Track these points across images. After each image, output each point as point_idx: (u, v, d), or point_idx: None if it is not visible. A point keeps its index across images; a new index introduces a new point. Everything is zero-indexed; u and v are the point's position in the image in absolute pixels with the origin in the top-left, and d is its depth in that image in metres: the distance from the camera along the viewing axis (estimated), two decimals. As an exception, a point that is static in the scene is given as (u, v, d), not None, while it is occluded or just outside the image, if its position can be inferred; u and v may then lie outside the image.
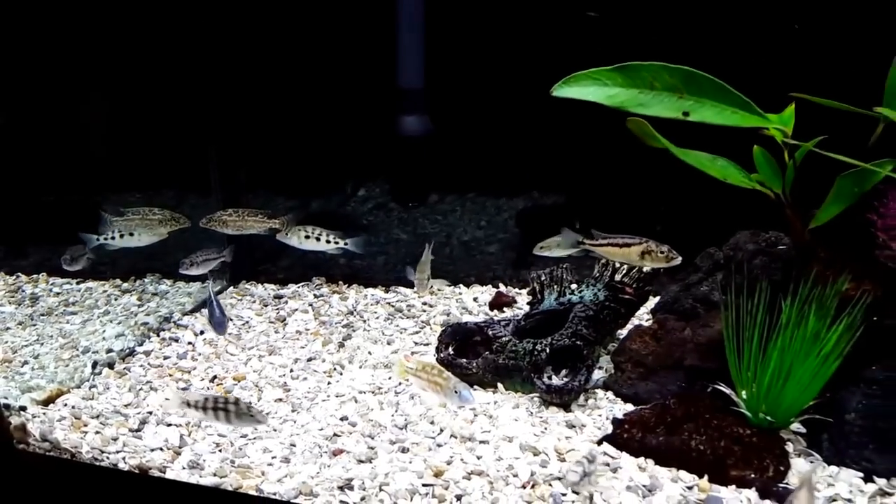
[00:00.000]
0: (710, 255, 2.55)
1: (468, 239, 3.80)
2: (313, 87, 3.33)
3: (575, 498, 1.85)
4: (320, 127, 3.50)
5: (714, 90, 1.78)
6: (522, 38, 3.08)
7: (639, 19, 2.79)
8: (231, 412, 1.86)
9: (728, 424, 1.96)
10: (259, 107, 3.44)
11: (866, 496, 1.83)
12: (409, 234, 3.89)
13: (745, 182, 2.07)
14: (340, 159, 3.62)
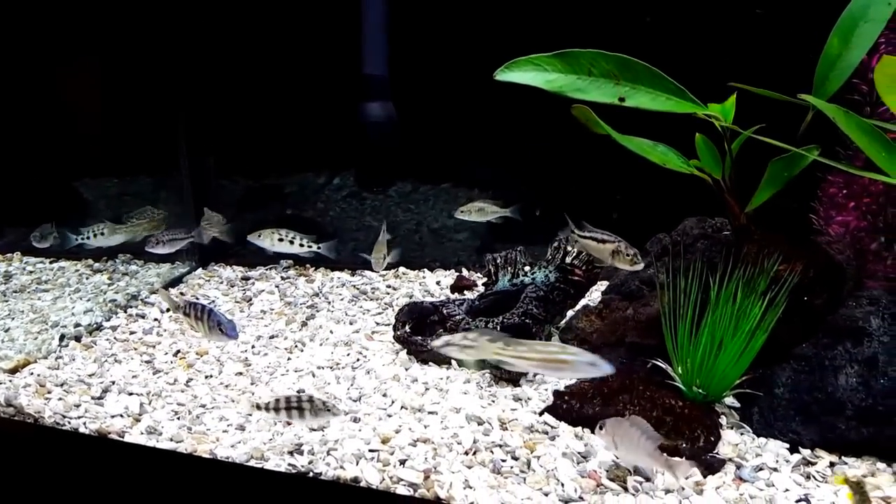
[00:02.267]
0: (660, 241, 2.65)
1: (438, 227, 3.88)
2: (281, 74, 3.39)
3: (514, 463, 1.95)
4: (289, 113, 3.58)
5: (649, 77, 1.86)
6: (492, 27, 3.18)
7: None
8: (306, 409, 1.87)
9: (662, 396, 2.06)
10: (227, 93, 3.50)
11: (790, 465, 1.93)
12: (379, 221, 3.98)
13: (683, 167, 2.17)
14: (311, 146, 3.72)
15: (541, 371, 1.96)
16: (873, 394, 1.88)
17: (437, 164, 3.63)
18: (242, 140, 3.68)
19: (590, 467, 1.90)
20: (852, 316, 2.02)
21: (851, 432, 1.91)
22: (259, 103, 3.54)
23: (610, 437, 1.81)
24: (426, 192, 3.85)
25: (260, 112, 3.56)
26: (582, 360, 1.78)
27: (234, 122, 3.61)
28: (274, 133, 3.63)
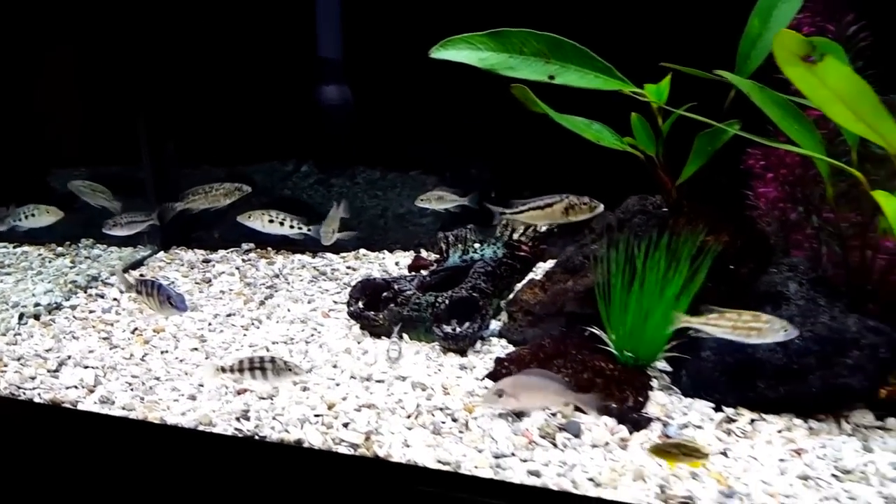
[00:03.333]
0: (604, 218, 2.77)
1: (403, 212, 3.98)
2: (241, 61, 3.46)
3: (453, 425, 2.05)
4: (251, 101, 3.64)
5: (578, 56, 1.96)
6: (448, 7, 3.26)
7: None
8: (268, 370, 1.97)
9: (594, 360, 2.16)
10: (189, 80, 3.56)
11: (714, 423, 2.04)
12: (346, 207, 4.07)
13: (617, 144, 2.27)
14: (275, 132, 3.78)
15: (733, 337, 1.98)
16: (789, 354, 2.00)
17: (402, 152, 3.73)
18: (205, 127, 3.75)
19: (523, 427, 2.01)
20: (773, 282, 2.15)
21: (770, 391, 2.03)
22: (220, 90, 3.60)
23: (512, 398, 1.90)
24: (394, 178, 3.94)
25: (222, 99, 3.63)
26: (774, 326, 1.87)
27: (195, 109, 3.67)
28: (237, 120, 3.70)
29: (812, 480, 1.79)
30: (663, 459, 1.82)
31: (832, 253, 2.20)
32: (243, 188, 2.91)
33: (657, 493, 1.74)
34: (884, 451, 1.92)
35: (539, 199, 2.40)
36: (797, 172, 2.14)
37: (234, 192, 2.90)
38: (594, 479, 1.80)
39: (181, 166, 3.71)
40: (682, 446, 1.80)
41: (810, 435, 2.01)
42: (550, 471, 1.84)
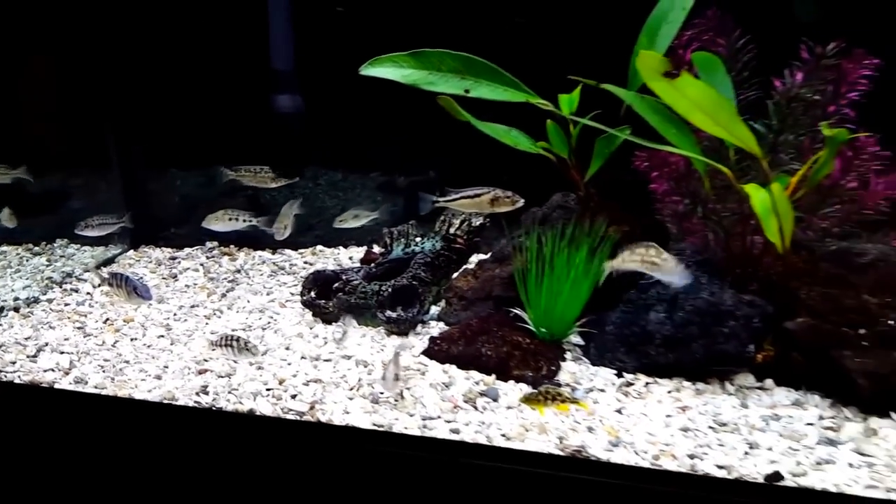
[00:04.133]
0: (533, 213, 3.07)
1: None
2: (203, 69, 3.70)
3: (389, 395, 2.32)
4: (214, 106, 3.87)
5: (488, 72, 2.25)
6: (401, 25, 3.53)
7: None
8: (234, 347, 2.32)
9: (514, 336, 2.46)
10: (154, 87, 3.77)
11: (615, 387, 2.36)
12: (307, 207, 4.32)
13: (531, 148, 2.56)
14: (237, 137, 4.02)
15: (643, 270, 2.20)
16: (674, 325, 2.32)
17: (361, 156, 4.00)
18: (174, 132, 3.97)
19: (450, 394, 2.30)
20: (665, 264, 2.47)
21: (660, 357, 2.36)
22: (188, 98, 3.84)
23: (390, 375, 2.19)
24: (354, 180, 4.21)
25: (190, 106, 3.86)
26: (670, 264, 2.12)
27: (164, 115, 3.90)
28: (205, 125, 3.93)
29: (691, 432, 2.11)
30: (535, 407, 2.11)
31: (719, 239, 2.53)
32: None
33: (556, 444, 2.04)
34: (758, 407, 2.25)
35: (469, 190, 2.66)
36: (680, 170, 2.45)
37: (278, 179, 3.10)
38: (506, 434, 2.10)
39: (149, 170, 3.95)
40: (546, 392, 2.09)
41: (696, 395, 2.33)
42: (469, 429, 2.13)
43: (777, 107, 2.34)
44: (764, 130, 2.44)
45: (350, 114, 3.73)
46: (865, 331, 2.13)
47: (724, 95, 2.28)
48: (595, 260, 2.45)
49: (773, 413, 2.21)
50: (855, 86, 2.49)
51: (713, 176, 2.46)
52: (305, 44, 3.63)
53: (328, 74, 3.72)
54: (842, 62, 2.49)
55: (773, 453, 1.98)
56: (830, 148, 2.02)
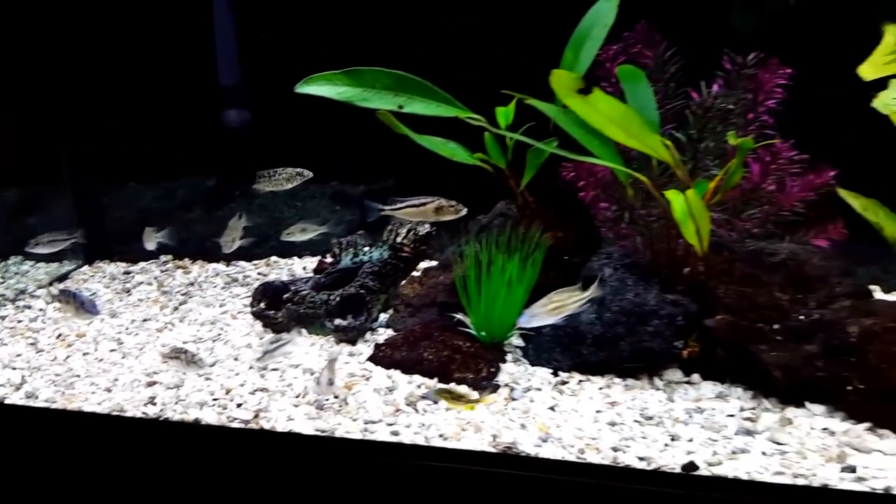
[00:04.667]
0: (478, 221, 3.18)
1: (318, 221, 4.32)
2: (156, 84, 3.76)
3: (334, 401, 2.41)
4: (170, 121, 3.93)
5: (421, 89, 2.36)
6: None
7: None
8: (182, 359, 2.42)
9: (455, 340, 2.57)
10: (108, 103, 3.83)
11: (551, 385, 2.47)
12: (265, 217, 4.39)
13: (469, 159, 2.67)
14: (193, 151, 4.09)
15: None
16: (604, 325, 2.45)
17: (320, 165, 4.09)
18: (129, 148, 4.02)
19: (392, 398, 2.40)
20: (593, 267, 2.59)
21: (592, 356, 2.48)
22: (137, 111, 3.89)
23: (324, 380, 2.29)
24: (313, 190, 4.29)
25: (140, 119, 3.92)
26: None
27: (115, 129, 3.95)
28: (162, 140, 3.99)
29: (618, 426, 2.23)
30: (445, 401, 2.29)
31: (647, 242, 2.66)
32: (304, 173, 3.05)
33: (490, 441, 2.15)
34: (683, 401, 2.38)
35: (414, 199, 2.76)
36: (606, 179, 2.58)
37: (295, 177, 3.07)
38: (443, 434, 2.20)
39: (103, 184, 3.99)
40: (450, 391, 2.28)
41: (626, 390, 2.46)
42: (409, 431, 2.23)
43: (695, 117, 2.49)
44: (685, 139, 2.60)
45: (309, 124, 3.83)
46: (778, 326, 2.29)
47: (643, 107, 2.43)
48: (528, 265, 2.58)
49: (697, 406, 2.34)
50: (771, 94, 2.66)
51: (641, 183, 2.60)
52: (257, 58, 3.73)
53: (284, 86, 3.84)
54: (758, 72, 2.66)
55: (692, 444, 2.10)
56: (739, 155, 2.16)
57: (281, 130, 3.82)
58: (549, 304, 2.16)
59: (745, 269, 2.30)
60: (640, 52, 2.81)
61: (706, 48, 2.86)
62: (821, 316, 2.20)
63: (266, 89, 3.69)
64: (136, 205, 4.37)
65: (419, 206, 2.75)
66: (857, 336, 2.08)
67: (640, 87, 2.50)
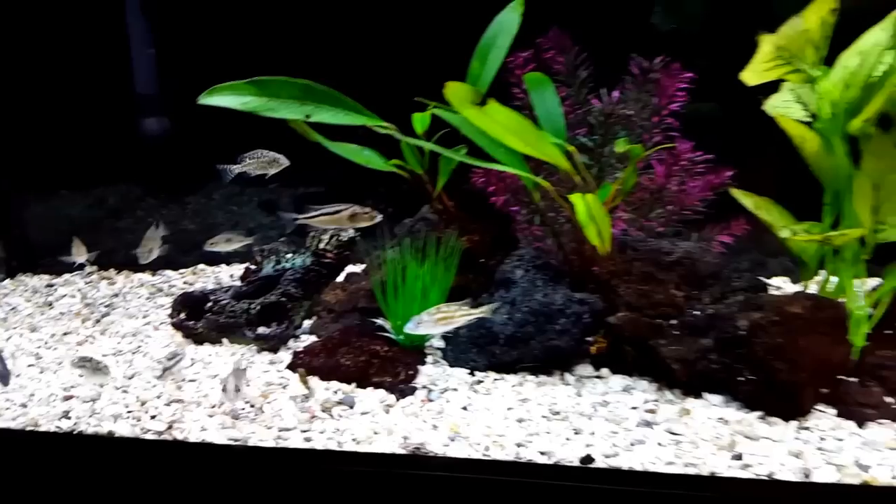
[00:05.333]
0: (405, 225, 3.25)
1: (254, 226, 4.33)
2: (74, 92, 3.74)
3: (250, 410, 2.45)
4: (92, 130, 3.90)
5: (329, 98, 2.40)
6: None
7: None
8: (87, 367, 2.48)
9: (373, 345, 2.63)
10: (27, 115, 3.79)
11: (468, 385, 2.55)
12: (198, 223, 4.38)
13: (384, 166, 2.73)
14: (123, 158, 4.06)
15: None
16: (515, 325, 2.54)
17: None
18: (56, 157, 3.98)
19: (308, 405, 2.45)
20: (506, 270, 2.68)
21: (505, 355, 2.58)
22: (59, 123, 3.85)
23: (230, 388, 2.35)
24: (252, 193, 4.29)
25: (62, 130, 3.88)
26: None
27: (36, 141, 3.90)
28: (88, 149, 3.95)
29: (526, 422, 2.32)
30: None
31: (558, 244, 2.76)
32: (281, 160, 2.94)
33: (400, 443, 2.22)
34: (591, 395, 2.49)
35: (328, 207, 2.80)
36: (515, 184, 2.67)
37: (273, 163, 2.95)
38: (356, 438, 2.25)
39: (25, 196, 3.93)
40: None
41: (538, 387, 2.55)
42: (323, 436, 2.28)
43: (598, 123, 2.59)
44: (592, 144, 2.71)
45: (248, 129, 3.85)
46: (675, 321, 2.41)
47: (550, 113, 2.53)
48: (443, 269, 2.65)
49: (603, 400, 2.45)
50: (673, 98, 2.79)
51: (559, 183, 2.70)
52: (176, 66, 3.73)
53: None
54: (661, 77, 2.78)
55: (594, 437, 2.20)
56: (632, 161, 2.27)
57: (213, 136, 3.84)
58: (437, 315, 2.25)
59: (643, 267, 2.41)
60: (552, 58, 2.93)
61: (622, 52, 2.99)
62: (714, 311, 2.34)
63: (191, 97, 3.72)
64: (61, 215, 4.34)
65: (333, 214, 2.79)
66: (747, 329, 2.22)
67: (547, 93, 2.60)
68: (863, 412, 2.19)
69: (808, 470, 2.01)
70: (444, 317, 2.26)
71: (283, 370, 2.66)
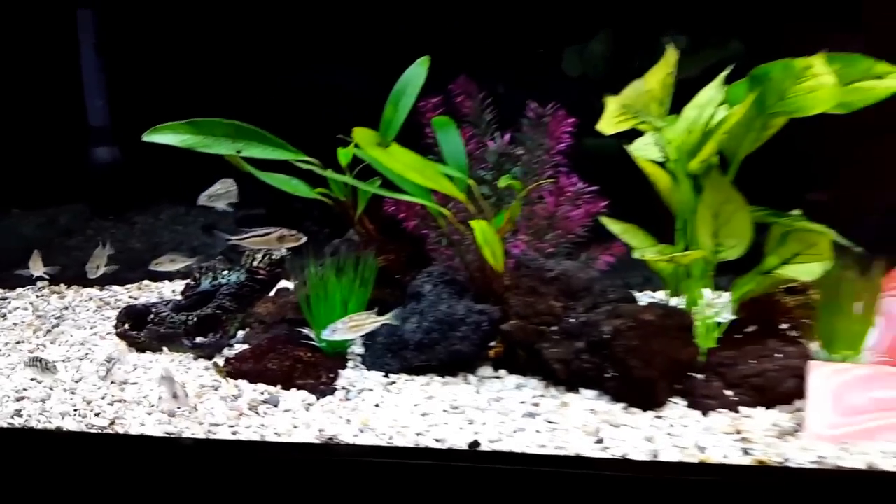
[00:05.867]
0: (333, 245, 3.57)
1: (197, 245, 4.61)
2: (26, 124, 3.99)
3: (185, 409, 2.74)
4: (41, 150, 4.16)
5: (256, 136, 2.76)
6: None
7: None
8: (37, 366, 2.78)
9: (297, 352, 2.94)
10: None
11: (382, 386, 2.88)
12: (143, 242, 4.63)
13: (310, 194, 3.08)
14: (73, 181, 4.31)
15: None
16: (423, 332, 2.89)
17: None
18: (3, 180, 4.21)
19: (237, 404, 2.75)
20: (417, 284, 3.05)
21: (414, 359, 2.91)
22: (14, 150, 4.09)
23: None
24: (197, 213, 4.56)
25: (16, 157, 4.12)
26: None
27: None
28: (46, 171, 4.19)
29: (428, 415, 2.67)
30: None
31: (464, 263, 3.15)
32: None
33: (316, 435, 2.54)
34: (488, 392, 2.84)
35: (258, 230, 3.10)
36: (425, 211, 3.06)
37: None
38: (278, 432, 2.57)
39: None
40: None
41: (443, 386, 2.90)
42: (248, 430, 2.59)
43: (493, 160, 3.01)
44: (489, 177, 3.12)
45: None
46: (555, 328, 2.81)
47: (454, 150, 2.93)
48: (357, 284, 3.00)
49: (497, 396, 2.82)
50: (560, 140, 3.21)
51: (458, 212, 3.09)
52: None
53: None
54: (549, 121, 3.21)
55: (484, 427, 2.56)
56: (518, 194, 2.68)
57: (157, 165, 4.13)
58: (349, 323, 2.63)
59: (529, 282, 2.81)
60: (461, 102, 3.34)
61: (530, 96, 3.42)
62: (586, 318, 2.74)
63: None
64: (14, 234, 4.54)
65: (263, 236, 3.12)
66: (610, 334, 2.62)
67: (451, 134, 3.00)
68: (706, 403, 2.61)
69: (656, 451, 2.42)
70: (355, 324, 2.62)
71: (216, 374, 2.97)
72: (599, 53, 3.93)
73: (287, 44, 3.87)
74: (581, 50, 3.92)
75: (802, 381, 2.56)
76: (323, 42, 3.93)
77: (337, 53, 3.93)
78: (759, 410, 2.63)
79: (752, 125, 2.56)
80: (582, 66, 3.91)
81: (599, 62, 3.94)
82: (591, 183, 3.24)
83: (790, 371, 2.60)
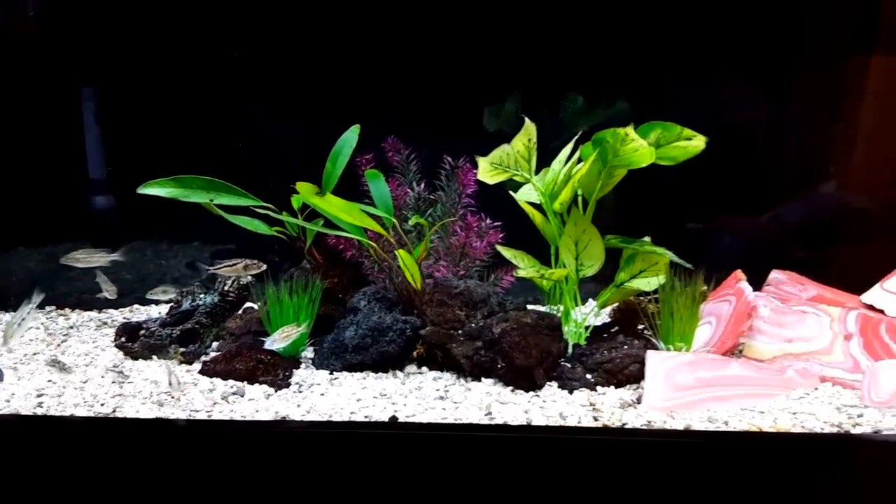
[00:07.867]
0: (289, 273, 4.28)
1: (178, 275, 5.27)
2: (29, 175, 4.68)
3: (171, 401, 3.40)
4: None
5: (225, 188, 3.46)
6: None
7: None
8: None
9: (260, 355, 3.60)
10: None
11: (328, 381, 3.55)
12: (133, 273, 5.28)
13: (269, 231, 3.78)
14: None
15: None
16: (359, 338, 3.59)
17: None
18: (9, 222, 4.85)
19: (212, 396, 3.41)
20: (354, 301, 3.75)
21: (353, 359, 3.60)
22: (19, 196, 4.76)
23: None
24: (178, 248, 5.23)
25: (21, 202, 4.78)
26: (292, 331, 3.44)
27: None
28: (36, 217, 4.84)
29: (361, 401, 3.35)
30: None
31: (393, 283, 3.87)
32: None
33: (273, 416, 3.21)
34: (412, 384, 3.53)
35: (229, 261, 3.77)
36: (358, 243, 3.79)
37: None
38: (243, 415, 3.24)
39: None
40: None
41: (376, 380, 3.58)
42: (221, 414, 3.25)
43: (413, 203, 3.76)
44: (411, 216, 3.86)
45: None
46: (461, 331, 3.54)
47: (381, 196, 3.67)
48: (306, 302, 3.70)
49: (418, 386, 3.51)
50: (467, 187, 3.98)
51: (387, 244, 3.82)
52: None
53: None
54: (460, 171, 3.97)
55: (405, 408, 3.25)
56: (427, 233, 3.42)
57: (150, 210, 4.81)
58: (282, 333, 3.36)
59: (440, 297, 3.54)
60: (391, 157, 4.10)
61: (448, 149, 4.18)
62: (483, 323, 3.48)
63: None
64: (20, 266, 5.18)
65: (233, 265, 3.83)
66: (499, 334, 3.36)
67: (380, 183, 3.74)
68: (571, 384, 3.34)
69: (530, 420, 3.13)
70: (286, 334, 3.35)
71: (196, 374, 3.63)
72: (513, 111, 4.74)
73: (253, 109, 4.62)
74: (497, 110, 4.73)
75: (643, 365, 3.34)
76: (283, 105, 4.70)
77: (296, 114, 4.69)
78: (611, 389, 3.40)
79: (599, 175, 3.34)
80: (498, 123, 4.71)
81: (513, 118, 4.75)
82: (500, 220, 4.05)
83: (633, 358, 3.37)
